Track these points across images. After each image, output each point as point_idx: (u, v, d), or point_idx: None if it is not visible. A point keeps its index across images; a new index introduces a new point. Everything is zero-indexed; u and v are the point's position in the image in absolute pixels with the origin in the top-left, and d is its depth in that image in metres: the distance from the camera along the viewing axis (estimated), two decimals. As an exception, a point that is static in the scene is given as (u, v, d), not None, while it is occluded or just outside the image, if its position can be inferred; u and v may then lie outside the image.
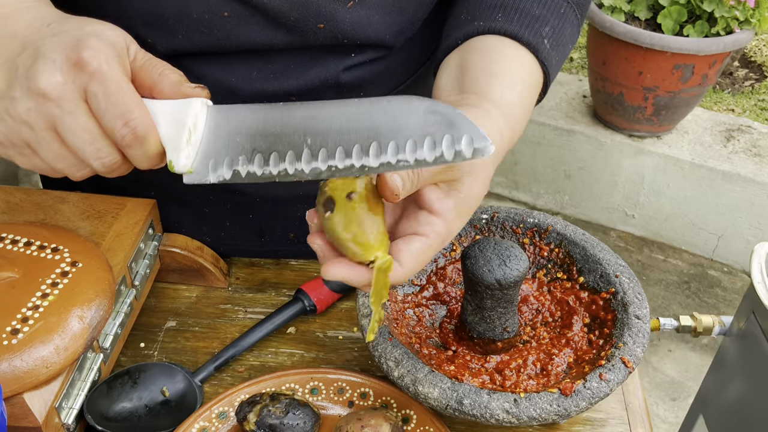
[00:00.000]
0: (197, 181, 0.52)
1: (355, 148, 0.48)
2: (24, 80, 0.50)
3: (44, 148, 0.51)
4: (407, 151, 0.48)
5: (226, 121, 0.52)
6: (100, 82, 0.49)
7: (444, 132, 0.48)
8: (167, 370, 0.72)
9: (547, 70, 0.62)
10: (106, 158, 0.52)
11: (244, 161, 0.51)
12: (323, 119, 0.50)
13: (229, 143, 0.51)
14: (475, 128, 0.47)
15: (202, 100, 0.53)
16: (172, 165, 0.52)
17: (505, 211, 0.79)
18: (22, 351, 0.59)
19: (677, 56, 2.18)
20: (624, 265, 0.74)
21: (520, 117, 0.59)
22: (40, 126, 0.50)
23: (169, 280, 0.85)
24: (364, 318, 0.68)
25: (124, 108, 0.50)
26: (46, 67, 0.49)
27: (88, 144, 0.51)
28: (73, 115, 0.50)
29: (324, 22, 0.69)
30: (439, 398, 0.61)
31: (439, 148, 0.48)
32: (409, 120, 0.48)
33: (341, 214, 0.52)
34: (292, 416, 0.65)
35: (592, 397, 0.61)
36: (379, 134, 0.48)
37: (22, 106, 0.50)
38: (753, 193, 2.34)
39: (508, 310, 0.68)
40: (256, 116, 0.51)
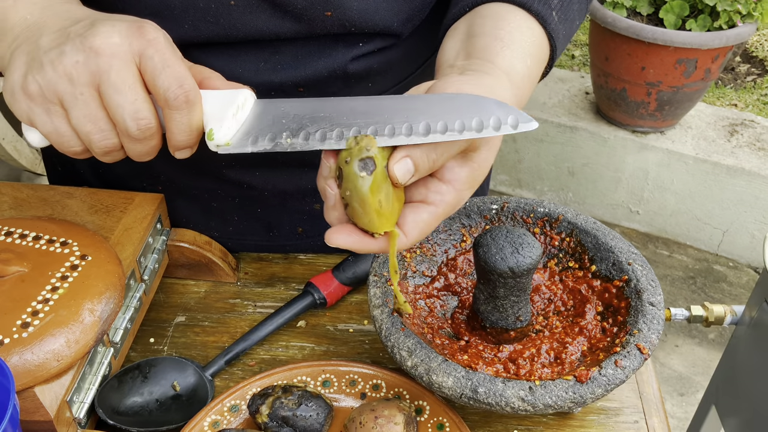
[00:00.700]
0: (234, 150, 0.52)
1: (404, 126, 0.49)
2: (78, 38, 0.50)
3: (79, 105, 0.51)
4: (456, 128, 0.48)
5: (274, 108, 0.53)
6: (157, 48, 0.51)
7: (491, 114, 0.49)
8: (178, 364, 0.72)
9: (555, 44, 0.62)
10: (143, 120, 0.52)
11: (288, 136, 0.51)
12: (375, 107, 0.50)
13: (274, 123, 0.52)
14: (519, 112, 0.49)
15: (250, 90, 0.55)
16: (212, 134, 0.53)
17: (515, 201, 0.78)
18: (32, 344, 0.58)
19: (680, 51, 2.17)
20: (636, 252, 0.73)
21: (526, 90, 0.59)
22: (82, 80, 0.50)
23: (177, 276, 0.85)
24: (376, 309, 0.68)
25: (180, 73, 0.51)
26: (105, 28, 0.50)
27: (129, 102, 0.51)
28: (120, 72, 0.50)
29: (331, 10, 0.68)
30: (454, 387, 0.61)
31: (487, 123, 0.49)
32: (455, 108, 0.49)
33: (377, 180, 0.49)
34: (305, 408, 0.65)
35: (608, 383, 0.61)
36: (430, 115, 0.49)
37: (69, 59, 0.50)
38: (757, 187, 2.34)
39: (521, 299, 0.68)
40: (304, 106, 0.52)
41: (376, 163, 0.49)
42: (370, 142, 0.49)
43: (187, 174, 0.82)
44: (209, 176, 0.82)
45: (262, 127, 0.52)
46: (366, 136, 0.50)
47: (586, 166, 2.59)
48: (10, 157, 2.11)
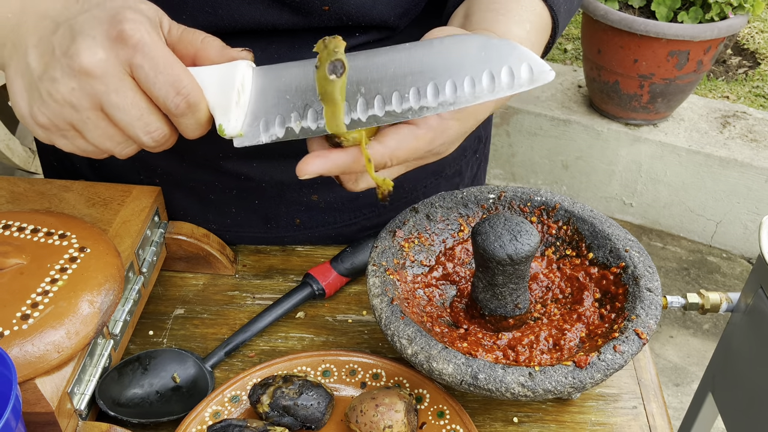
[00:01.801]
0: (249, 143, 0.52)
1: (412, 91, 0.48)
2: (63, 59, 0.48)
3: (90, 128, 0.51)
4: (465, 87, 0.47)
5: (275, 79, 0.51)
6: (144, 53, 0.48)
7: (501, 64, 0.47)
8: (177, 356, 0.72)
9: (556, 16, 0.62)
10: (156, 132, 0.51)
11: (297, 117, 0.50)
12: (375, 68, 0.49)
13: (279, 101, 0.51)
14: (532, 56, 0.47)
15: (247, 62, 0.52)
16: (223, 129, 0.52)
17: (512, 191, 0.79)
18: (33, 336, 0.58)
19: (672, 43, 2.18)
20: (633, 239, 0.73)
21: None
22: (84, 105, 0.49)
23: (175, 269, 0.85)
24: (375, 298, 0.68)
25: (174, 76, 0.49)
26: (86, 44, 0.48)
27: (137, 119, 0.50)
28: (119, 92, 0.49)
29: (329, 4, 0.68)
30: (454, 374, 0.61)
31: (498, 80, 0.47)
32: (464, 58, 0.47)
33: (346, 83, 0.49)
34: (306, 397, 0.65)
35: (606, 368, 0.61)
36: (436, 75, 0.47)
37: (64, 87, 0.49)
38: (750, 178, 2.35)
39: (520, 286, 0.68)
40: (304, 71, 0.51)
41: (345, 65, 0.48)
42: (338, 44, 0.48)
43: (185, 166, 0.82)
44: (206, 168, 0.82)
45: (268, 107, 0.51)
46: (334, 38, 0.48)
47: (580, 159, 2.60)
48: (3, 156, 2.10)
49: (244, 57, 0.52)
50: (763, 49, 3.08)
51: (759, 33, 3.19)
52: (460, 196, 0.79)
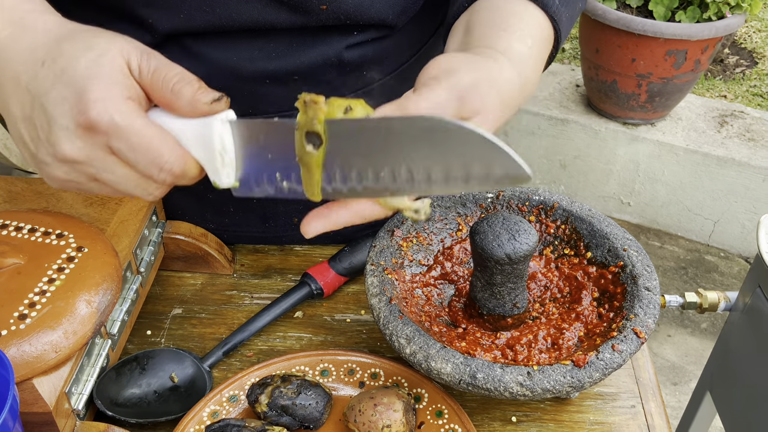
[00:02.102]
0: (245, 194, 0.52)
1: (389, 173, 0.47)
2: (47, 146, 0.50)
3: (97, 190, 0.53)
4: (440, 182, 0.47)
5: (254, 138, 0.50)
6: (118, 137, 0.48)
7: (480, 165, 0.47)
8: (175, 356, 0.72)
9: (558, 26, 0.62)
10: (156, 191, 0.53)
11: (282, 178, 0.50)
12: (355, 141, 0.47)
13: (263, 159, 0.50)
14: (512, 159, 0.47)
15: (221, 118, 0.50)
16: (217, 184, 0.52)
17: (510, 190, 0.79)
18: (30, 336, 0.58)
19: (670, 42, 2.18)
20: (632, 238, 0.73)
21: (531, 68, 0.58)
22: (83, 180, 0.51)
23: (173, 268, 0.85)
24: (373, 297, 0.68)
25: (153, 153, 0.48)
26: (63, 135, 0.49)
27: (134, 187, 0.51)
28: (107, 171, 0.50)
29: (327, 3, 0.68)
30: (452, 373, 0.61)
31: (473, 181, 0.47)
32: (445, 147, 0.46)
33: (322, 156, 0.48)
34: (304, 397, 0.65)
35: (605, 367, 0.61)
36: (414, 163, 0.46)
37: (58, 170, 0.51)
38: (748, 178, 2.35)
39: (518, 286, 0.68)
40: (281, 135, 0.49)
41: (322, 139, 0.47)
42: (318, 113, 0.47)
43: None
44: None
45: (253, 166, 0.50)
46: (314, 103, 0.47)
47: (578, 159, 2.60)
48: (1, 155, 2.10)
49: (215, 110, 0.50)
50: (760, 48, 3.08)
51: (756, 32, 3.19)
52: (458, 195, 0.79)
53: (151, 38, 0.69)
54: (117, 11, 0.68)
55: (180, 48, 0.70)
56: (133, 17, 0.67)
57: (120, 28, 0.68)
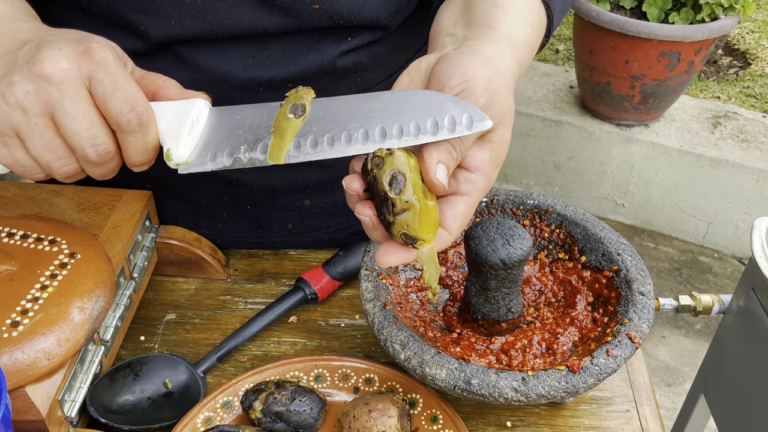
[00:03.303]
0: (194, 170, 0.52)
1: (359, 133, 0.49)
2: (26, 65, 0.49)
3: (35, 135, 0.51)
4: (411, 131, 0.49)
5: (229, 117, 0.53)
6: (106, 70, 0.50)
7: (444, 114, 0.49)
8: (169, 361, 0.71)
9: (551, 14, 0.62)
10: (101, 145, 0.52)
11: (246, 149, 0.51)
12: (330, 109, 0.51)
13: (231, 135, 0.52)
14: (472, 108, 0.49)
15: (204, 101, 0.54)
16: (170, 154, 0.52)
17: (504, 194, 0.79)
18: (23, 343, 0.58)
19: (663, 44, 2.19)
20: (626, 243, 0.73)
21: (527, 57, 0.59)
22: (35, 110, 0.50)
23: (167, 273, 0.84)
24: (368, 303, 0.68)
25: (131, 95, 0.50)
26: (51, 53, 0.49)
27: (86, 129, 0.51)
28: (73, 100, 0.50)
29: (319, 3, 0.68)
30: (447, 379, 0.61)
31: (441, 125, 0.49)
32: (410, 107, 0.50)
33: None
34: (299, 403, 0.65)
35: (599, 372, 0.61)
36: (384, 119, 0.49)
37: (20, 89, 0.49)
38: (741, 179, 2.36)
39: (512, 291, 0.68)
40: (260, 112, 0.52)
41: (306, 109, 0.51)
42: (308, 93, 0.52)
43: (176, 172, 0.82)
44: (198, 174, 0.81)
45: (219, 140, 0.52)
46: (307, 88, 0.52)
47: (572, 160, 2.60)
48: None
49: (202, 96, 0.54)
50: (753, 49, 3.09)
51: (750, 33, 3.20)
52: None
53: (144, 45, 0.68)
54: (109, 18, 0.67)
55: (173, 56, 0.70)
56: (125, 24, 0.67)
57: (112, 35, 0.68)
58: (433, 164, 0.49)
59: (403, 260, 0.51)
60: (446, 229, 0.51)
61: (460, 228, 0.52)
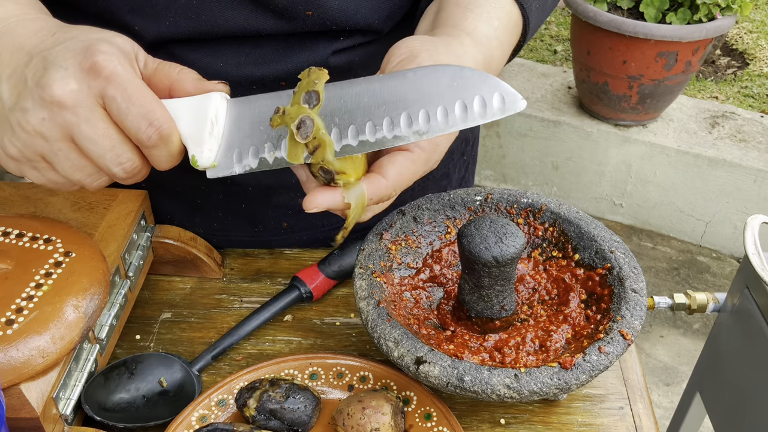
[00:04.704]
0: (222, 174, 0.51)
1: (385, 120, 0.48)
2: (35, 89, 0.48)
3: (61, 159, 0.50)
4: (438, 117, 0.48)
5: (248, 110, 0.51)
6: (117, 84, 0.48)
7: (474, 93, 0.47)
8: (164, 360, 0.72)
9: (527, 14, 0.62)
10: (127, 163, 0.51)
11: (270, 148, 0.50)
12: (349, 98, 0.49)
13: (253, 132, 0.51)
14: (504, 86, 0.47)
15: (221, 94, 0.52)
16: (195, 160, 0.52)
17: (498, 192, 0.79)
18: (17, 341, 0.58)
19: (660, 44, 2.19)
20: (619, 240, 0.74)
21: (495, 49, 0.59)
22: (55, 136, 0.49)
23: (162, 272, 0.85)
24: (362, 301, 0.68)
25: (147, 108, 0.49)
26: (58, 75, 0.48)
27: (108, 150, 0.50)
28: (90, 122, 0.48)
29: (312, 9, 0.68)
30: (440, 376, 0.61)
31: (470, 109, 0.47)
32: (437, 88, 0.48)
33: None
34: (293, 400, 0.65)
35: (592, 369, 0.61)
36: (409, 105, 0.48)
37: (35, 117, 0.48)
38: (739, 178, 2.36)
39: (506, 288, 0.68)
40: (279, 102, 0.51)
41: (320, 97, 0.49)
42: (320, 76, 0.49)
43: (171, 171, 0.82)
44: (193, 173, 0.81)
45: (242, 138, 0.51)
46: (319, 69, 0.49)
47: (570, 160, 2.60)
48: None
49: (219, 88, 0.52)
50: (751, 49, 3.10)
51: (747, 33, 3.21)
52: (447, 198, 0.79)
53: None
54: (103, 19, 0.68)
55: (167, 55, 0.70)
56: (120, 24, 0.67)
57: None
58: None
59: (329, 201, 0.50)
60: (381, 174, 0.51)
61: (398, 176, 0.51)
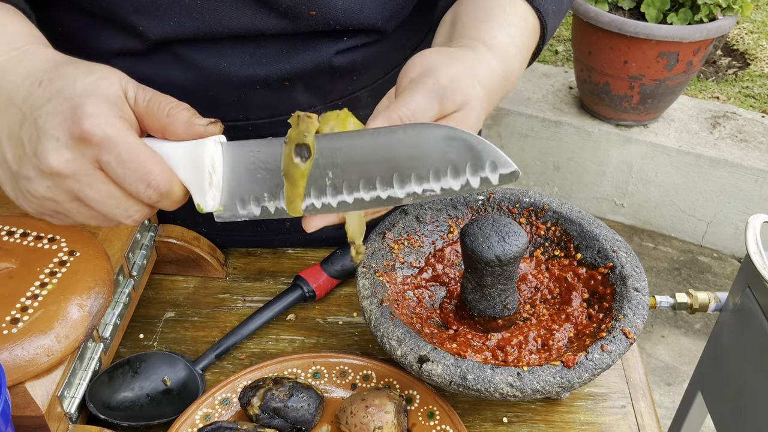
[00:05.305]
0: (229, 218, 0.52)
1: (378, 179, 0.49)
2: (33, 159, 0.49)
3: (74, 214, 0.52)
4: (431, 180, 0.48)
5: (243, 157, 0.51)
6: (109, 150, 0.48)
7: (465, 159, 0.47)
8: (168, 359, 0.72)
9: (543, 17, 0.62)
10: (136, 215, 0.52)
11: (270, 198, 0.51)
12: (342, 152, 0.49)
13: (252, 180, 0.51)
14: (496, 152, 0.47)
15: (214, 139, 0.51)
16: (201, 207, 0.52)
17: (500, 192, 0.79)
18: (22, 340, 0.58)
19: (662, 44, 2.19)
20: (621, 240, 0.74)
21: (513, 56, 0.59)
22: (63, 199, 0.51)
23: (166, 272, 0.85)
24: (365, 300, 0.68)
25: (142, 170, 0.49)
26: (52, 146, 0.48)
27: (115, 207, 0.51)
28: (92, 187, 0.49)
29: (316, 9, 0.69)
30: (443, 374, 0.61)
31: (463, 175, 0.48)
32: (429, 148, 0.48)
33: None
34: (296, 399, 0.65)
35: (594, 368, 0.62)
36: (400, 165, 0.48)
37: (40, 186, 0.50)
38: (740, 179, 2.36)
39: (508, 287, 0.68)
40: (271, 151, 0.51)
41: (311, 151, 0.49)
42: (310, 127, 0.49)
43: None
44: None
45: (241, 184, 0.51)
46: (308, 117, 0.49)
47: (571, 161, 2.61)
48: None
49: (211, 132, 0.51)
50: (752, 49, 3.10)
51: (748, 34, 3.21)
52: (449, 197, 0.79)
53: (142, 45, 0.69)
54: (107, 19, 0.68)
55: (170, 55, 0.70)
56: (124, 24, 0.68)
57: (111, 35, 0.68)
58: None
59: (326, 220, 0.51)
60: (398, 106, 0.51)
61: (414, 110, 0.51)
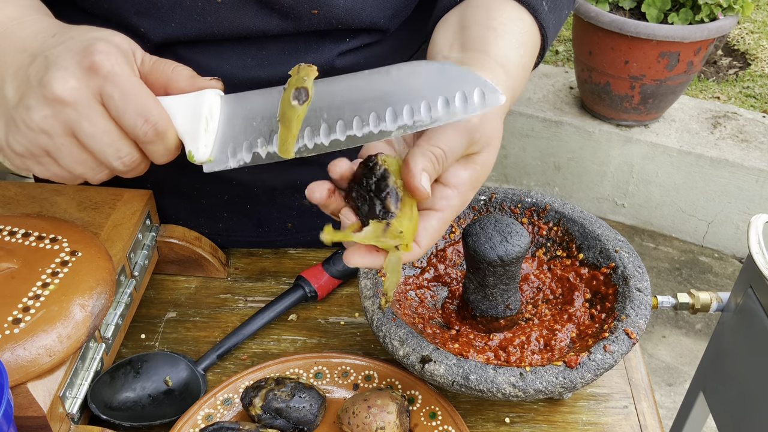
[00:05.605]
0: (218, 168, 0.53)
1: (372, 115, 0.49)
2: (38, 88, 0.50)
3: (64, 154, 0.52)
4: (422, 112, 0.49)
5: (241, 107, 0.53)
6: (114, 83, 0.50)
7: (456, 89, 0.49)
8: (169, 359, 0.72)
9: (545, 33, 0.62)
10: (126, 157, 0.52)
11: (263, 143, 0.51)
12: (337, 94, 0.50)
13: (246, 128, 0.52)
14: (485, 81, 0.49)
15: (215, 91, 0.53)
16: (192, 155, 0.53)
17: (502, 192, 0.79)
18: (24, 340, 0.58)
19: (662, 44, 2.19)
20: (623, 240, 0.74)
21: (520, 80, 0.59)
22: (58, 132, 0.51)
23: (167, 272, 0.85)
24: (366, 300, 0.68)
25: (143, 106, 0.50)
26: (59, 74, 0.49)
27: (108, 145, 0.51)
28: (90, 119, 0.50)
29: (318, 8, 0.68)
30: (445, 375, 0.61)
31: (452, 105, 0.48)
32: (421, 83, 0.49)
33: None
34: (298, 399, 0.65)
35: (597, 368, 0.62)
36: (394, 100, 0.49)
37: (38, 114, 0.50)
38: (741, 179, 2.36)
39: (510, 287, 0.68)
40: (270, 99, 0.52)
41: (309, 94, 0.50)
42: (309, 73, 0.50)
43: (176, 172, 0.82)
44: (197, 174, 0.82)
45: (235, 134, 0.52)
46: (309, 66, 0.51)
47: (572, 161, 2.61)
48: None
49: (213, 86, 0.53)
50: (753, 49, 3.10)
51: (749, 34, 3.21)
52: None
53: (144, 47, 0.69)
54: (109, 20, 0.68)
55: (172, 56, 0.70)
56: (126, 26, 0.68)
57: None
58: (418, 171, 0.49)
59: (369, 263, 0.52)
60: (417, 243, 0.52)
61: (430, 243, 0.52)
